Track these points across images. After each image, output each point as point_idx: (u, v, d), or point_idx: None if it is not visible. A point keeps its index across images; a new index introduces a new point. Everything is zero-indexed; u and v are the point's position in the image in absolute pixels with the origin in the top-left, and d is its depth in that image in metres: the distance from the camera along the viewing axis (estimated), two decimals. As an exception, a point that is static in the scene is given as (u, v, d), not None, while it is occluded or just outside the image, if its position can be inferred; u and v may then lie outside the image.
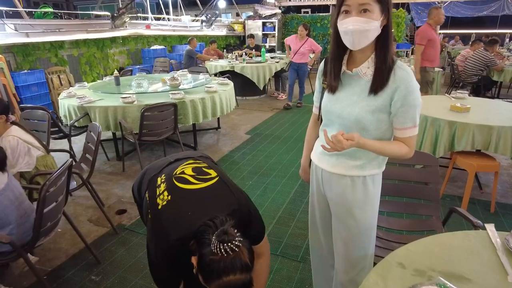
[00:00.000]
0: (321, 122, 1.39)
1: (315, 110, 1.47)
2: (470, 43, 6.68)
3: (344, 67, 1.23)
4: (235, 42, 11.57)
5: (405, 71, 1.14)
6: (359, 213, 1.31)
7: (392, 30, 1.16)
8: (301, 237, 2.42)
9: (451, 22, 16.15)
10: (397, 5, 12.54)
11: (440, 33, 14.01)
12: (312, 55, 6.33)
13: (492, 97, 6.45)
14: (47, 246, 2.33)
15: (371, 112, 1.17)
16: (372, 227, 1.36)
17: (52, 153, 2.61)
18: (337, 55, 1.23)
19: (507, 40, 12.74)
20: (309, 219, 1.58)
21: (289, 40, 6.10)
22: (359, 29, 1.09)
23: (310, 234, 1.60)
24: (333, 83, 1.25)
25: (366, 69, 1.18)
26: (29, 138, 2.27)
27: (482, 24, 17.96)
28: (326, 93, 1.30)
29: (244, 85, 6.70)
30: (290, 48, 6.18)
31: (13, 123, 2.25)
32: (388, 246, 1.70)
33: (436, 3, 13.26)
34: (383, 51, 1.13)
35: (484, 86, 6.24)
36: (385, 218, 1.94)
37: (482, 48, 6.00)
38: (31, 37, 5.25)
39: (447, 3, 13.23)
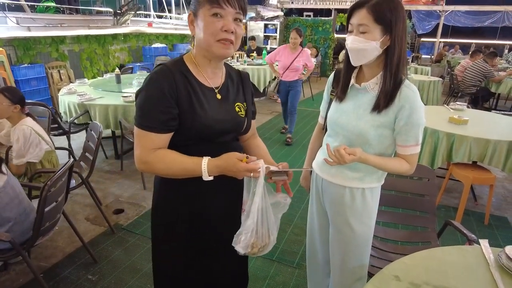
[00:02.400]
0: (325, 132, 1.42)
1: (320, 120, 1.51)
2: (470, 53, 6.72)
3: (353, 80, 1.27)
4: (237, 43, 11.57)
5: (411, 91, 1.17)
6: (356, 224, 1.33)
7: (403, 50, 1.17)
8: (298, 243, 2.44)
9: (452, 31, 16.28)
10: (398, 12, 12.58)
11: (440, 42, 14.15)
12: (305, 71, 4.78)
13: (490, 108, 6.52)
14: (44, 244, 2.33)
15: (375, 127, 1.20)
16: (369, 238, 1.38)
17: (51, 150, 2.62)
18: (348, 68, 1.28)
19: (506, 51, 12.85)
20: (307, 227, 1.60)
21: (276, 54, 4.53)
22: (355, 48, 1.16)
23: (308, 242, 1.62)
24: (340, 94, 1.30)
25: (375, 85, 1.22)
26: (41, 131, 2.35)
27: (482, 34, 18.12)
28: (333, 103, 1.34)
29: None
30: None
31: (28, 115, 2.33)
32: (383, 256, 1.73)
33: (438, 11, 13.38)
34: (388, 71, 1.16)
35: (482, 97, 6.30)
36: (381, 228, 1.97)
37: (482, 59, 6.05)
38: (33, 31, 5.24)
39: (448, 12, 13.34)
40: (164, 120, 1.00)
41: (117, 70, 4.58)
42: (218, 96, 1.10)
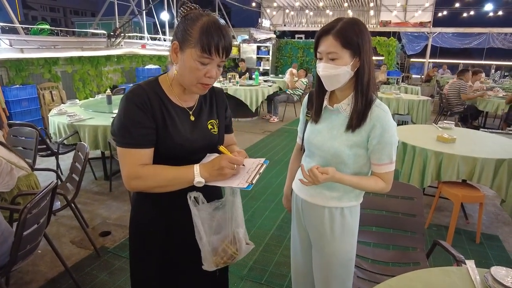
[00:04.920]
0: (303, 152, 1.43)
1: (298, 141, 1.54)
2: (457, 73, 6.90)
3: (326, 102, 1.30)
4: (230, 64, 11.75)
5: (382, 110, 1.19)
6: (337, 245, 1.32)
7: (372, 70, 1.20)
8: (287, 266, 2.38)
9: (440, 51, 16.75)
10: (388, 34, 13.01)
11: (429, 62, 14.51)
12: None
13: (479, 126, 6.61)
14: (25, 269, 2.26)
15: (350, 147, 1.22)
16: (351, 259, 1.36)
17: (38, 172, 2.57)
18: (320, 91, 1.31)
19: (492, 71, 13.20)
20: (291, 248, 1.58)
21: None
22: (327, 74, 1.18)
23: (292, 263, 1.59)
24: (315, 116, 1.33)
25: (347, 105, 1.24)
26: (12, 157, 2.23)
27: (469, 55, 18.67)
28: (309, 124, 1.37)
29: (236, 107, 6.76)
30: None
31: None
32: (373, 279, 1.69)
33: (426, 33, 13.79)
34: (360, 92, 1.19)
35: (470, 115, 6.40)
36: (370, 250, 1.94)
37: (456, 78, 6.24)
38: (26, 53, 5.27)
39: (435, 34, 13.76)
40: (146, 134, 1.03)
41: (108, 91, 4.59)
42: (192, 118, 1.14)
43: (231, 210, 1.09)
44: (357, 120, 1.19)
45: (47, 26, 6.28)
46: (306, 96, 1.44)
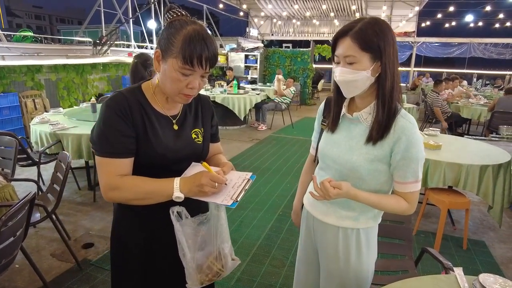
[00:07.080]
0: (317, 163, 1.31)
1: (312, 151, 1.41)
2: (433, 83, 6.98)
3: (344, 110, 1.18)
4: (218, 73, 11.75)
5: (408, 121, 1.06)
6: (352, 269, 1.20)
7: (396, 75, 1.07)
8: (275, 276, 2.34)
9: (424, 61, 17.18)
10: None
11: (414, 71, 14.84)
12: None
13: (463, 133, 6.73)
14: (1, 284, 2.15)
15: (370, 161, 1.09)
16: (367, 283, 1.24)
17: (18, 182, 2.48)
18: (338, 98, 1.18)
19: (474, 79, 13.57)
20: (296, 269, 1.45)
21: None
22: (344, 80, 1.06)
23: (295, 284, 1.46)
24: (331, 125, 1.21)
25: (368, 115, 1.12)
26: None
27: (452, 64, 19.21)
28: (324, 134, 1.24)
29: (224, 115, 6.74)
30: None
31: None
32: None
33: (410, 42, 14.13)
34: (381, 100, 1.06)
35: (455, 123, 6.52)
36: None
37: (431, 91, 6.34)
38: (7, 60, 5.16)
39: (419, 43, 14.11)
40: (125, 143, 0.99)
41: (92, 99, 4.51)
42: (175, 127, 1.10)
43: (216, 225, 1.04)
44: (378, 131, 1.06)
45: (30, 33, 6.17)
46: (322, 103, 1.32)
